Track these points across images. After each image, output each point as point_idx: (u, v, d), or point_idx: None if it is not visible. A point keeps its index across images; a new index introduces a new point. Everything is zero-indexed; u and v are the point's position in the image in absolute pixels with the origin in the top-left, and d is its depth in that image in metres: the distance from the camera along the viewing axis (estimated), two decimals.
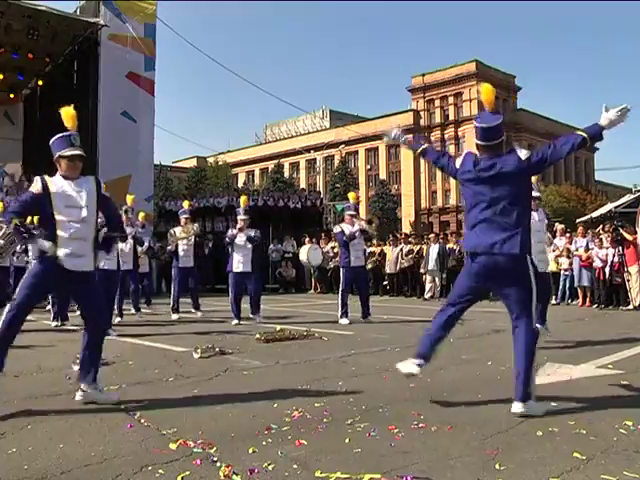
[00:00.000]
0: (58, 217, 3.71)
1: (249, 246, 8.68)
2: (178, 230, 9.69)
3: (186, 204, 10.54)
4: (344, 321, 8.32)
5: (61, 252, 3.67)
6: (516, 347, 3.44)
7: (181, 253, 9.59)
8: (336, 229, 9.09)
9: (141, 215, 10.56)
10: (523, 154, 3.47)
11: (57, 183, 3.84)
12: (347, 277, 8.66)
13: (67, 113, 3.99)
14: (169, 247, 9.79)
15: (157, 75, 19.26)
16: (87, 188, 3.88)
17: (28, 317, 3.82)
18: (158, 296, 12.95)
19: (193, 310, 9.74)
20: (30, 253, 11.67)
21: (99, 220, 3.97)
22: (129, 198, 9.34)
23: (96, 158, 17.79)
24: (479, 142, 3.55)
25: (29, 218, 4.22)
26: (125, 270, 8.83)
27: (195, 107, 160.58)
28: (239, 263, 8.67)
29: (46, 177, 3.83)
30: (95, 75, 17.96)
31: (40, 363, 5.14)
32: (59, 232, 3.69)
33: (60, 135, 3.93)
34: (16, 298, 3.75)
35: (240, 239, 8.68)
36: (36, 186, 3.77)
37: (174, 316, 9.41)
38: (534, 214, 5.81)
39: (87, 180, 3.94)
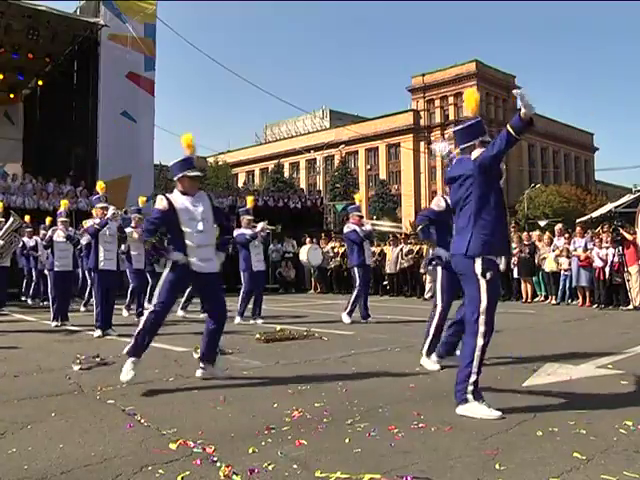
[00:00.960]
0: (184, 229, 4.33)
1: (261, 246, 9.00)
2: None
3: None
4: (347, 319, 8.32)
5: (191, 259, 4.30)
6: None
7: None
8: (347, 228, 8.89)
9: None
10: (475, 154, 3.47)
11: (178, 200, 4.40)
12: (364, 276, 8.60)
13: (187, 140, 4.57)
14: None
15: (157, 75, 19.31)
16: (203, 203, 4.47)
17: (28, 317, 3.82)
18: None
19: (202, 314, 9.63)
20: (41, 252, 11.77)
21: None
22: (141, 200, 9.69)
23: (96, 158, 17.81)
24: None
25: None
26: (137, 269, 9.09)
27: (195, 107, 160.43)
28: (257, 262, 8.85)
29: (168, 195, 4.43)
30: (95, 75, 17.97)
31: (40, 363, 5.14)
32: (187, 242, 4.32)
33: (183, 158, 4.54)
34: (158, 299, 4.34)
35: (256, 238, 8.86)
36: (162, 203, 4.36)
37: (180, 312, 9.43)
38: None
39: (202, 195, 4.53)
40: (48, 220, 11.63)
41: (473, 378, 3.30)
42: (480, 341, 3.32)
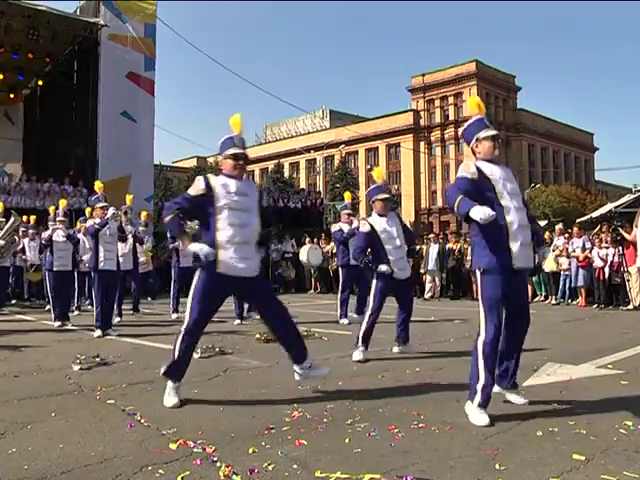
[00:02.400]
0: (386, 247, 5.39)
1: None
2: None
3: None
4: (344, 321, 8.31)
5: (394, 269, 5.36)
6: None
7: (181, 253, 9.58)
8: (334, 228, 9.06)
9: (143, 214, 10.60)
10: (462, 166, 3.47)
11: (377, 222, 5.43)
12: (347, 276, 8.63)
13: (378, 173, 5.75)
14: (176, 244, 9.64)
15: (157, 75, 19.34)
16: (395, 222, 5.47)
17: (28, 317, 3.82)
18: (160, 295, 12.95)
19: None
20: (28, 253, 11.75)
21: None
22: (128, 198, 9.49)
23: (96, 158, 17.82)
24: None
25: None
26: (125, 270, 8.86)
27: (195, 107, 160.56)
28: None
29: (369, 219, 5.51)
30: (95, 75, 17.97)
31: (40, 363, 5.14)
32: (389, 257, 5.33)
33: (375, 186, 5.57)
34: (372, 306, 5.45)
35: None
36: (366, 227, 5.46)
37: (174, 315, 9.41)
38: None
39: (393, 215, 5.54)
40: (33, 219, 11.60)
41: (479, 380, 3.24)
42: (477, 342, 3.34)
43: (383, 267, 5.29)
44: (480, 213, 3.08)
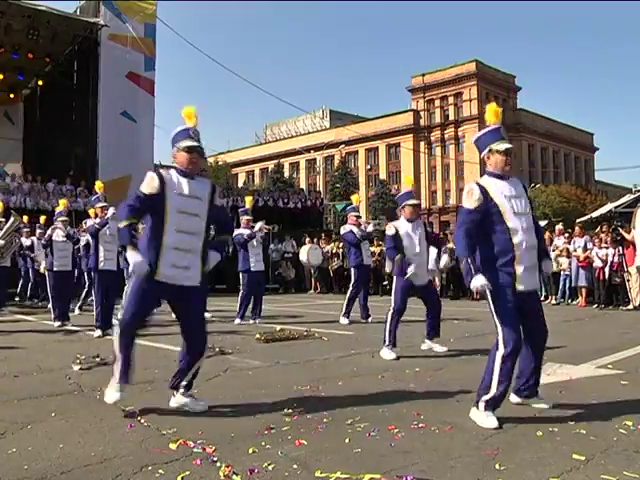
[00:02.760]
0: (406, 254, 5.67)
1: (260, 246, 8.83)
2: None
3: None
4: (344, 321, 8.30)
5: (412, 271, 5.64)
6: None
7: None
8: (343, 229, 8.94)
9: None
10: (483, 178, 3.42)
11: (402, 227, 5.73)
12: (359, 276, 8.59)
13: (409, 180, 6.23)
14: None
15: (157, 75, 19.32)
16: (420, 229, 5.76)
17: (28, 317, 3.80)
18: None
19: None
20: (37, 252, 11.74)
21: None
22: None
23: (96, 158, 17.82)
24: None
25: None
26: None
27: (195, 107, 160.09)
28: (256, 262, 8.70)
29: (394, 223, 5.78)
30: (95, 75, 17.98)
31: (40, 363, 5.14)
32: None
33: (405, 192, 5.94)
34: (395, 303, 5.69)
35: (255, 238, 8.73)
36: (391, 231, 5.73)
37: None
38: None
39: (419, 223, 5.81)
40: (43, 219, 11.62)
41: (489, 392, 3.19)
42: (497, 357, 3.24)
43: (410, 268, 5.49)
44: (475, 283, 3.18)
